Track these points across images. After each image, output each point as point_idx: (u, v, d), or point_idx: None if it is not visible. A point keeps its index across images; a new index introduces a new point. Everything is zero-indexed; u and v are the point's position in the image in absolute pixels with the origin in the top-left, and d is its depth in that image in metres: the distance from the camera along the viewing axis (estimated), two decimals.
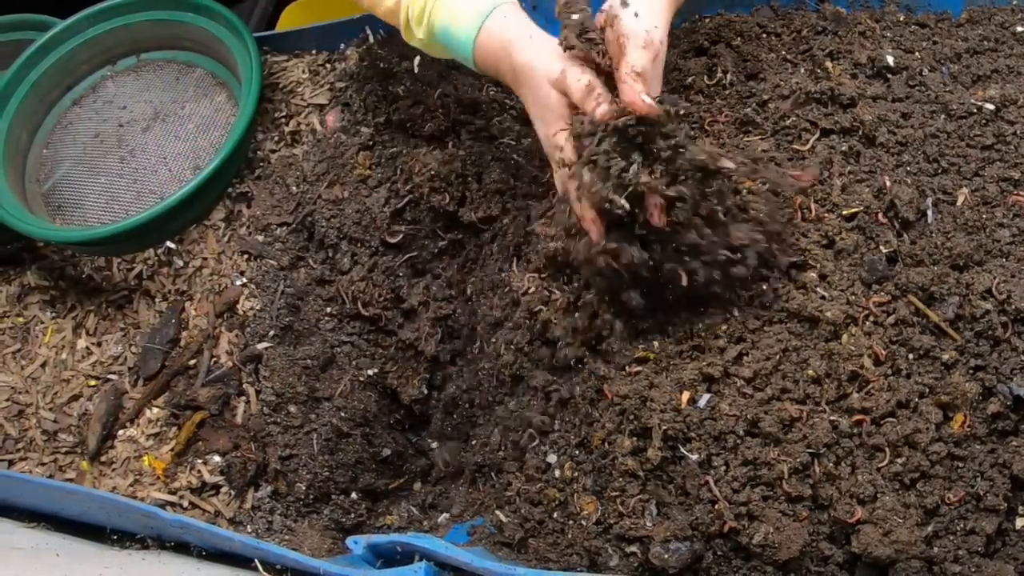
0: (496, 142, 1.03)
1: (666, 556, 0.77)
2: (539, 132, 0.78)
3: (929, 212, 0.82)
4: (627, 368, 0.81)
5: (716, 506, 0.77)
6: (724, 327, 0.81)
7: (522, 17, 0.79)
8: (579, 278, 0.82)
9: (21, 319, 1.09)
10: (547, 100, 0.75)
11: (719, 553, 0.78)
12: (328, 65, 1.18)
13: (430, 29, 0.81)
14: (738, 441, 0.77)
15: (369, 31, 1.15)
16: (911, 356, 0.79)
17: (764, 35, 0.99)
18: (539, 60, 0.75)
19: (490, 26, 0.78)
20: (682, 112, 0.71)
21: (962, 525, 0.76)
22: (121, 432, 1.01)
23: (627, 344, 0.79)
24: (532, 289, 0.90)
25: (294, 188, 1.05)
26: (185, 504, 0.96)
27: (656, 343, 0.81)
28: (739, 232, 0.75)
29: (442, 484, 1.00)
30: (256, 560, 0.80)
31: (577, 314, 0.82)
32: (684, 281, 0.73)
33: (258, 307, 1.01)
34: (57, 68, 1.14)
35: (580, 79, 0.73)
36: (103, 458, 1.00)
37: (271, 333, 1.00)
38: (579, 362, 0.85)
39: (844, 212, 0.84)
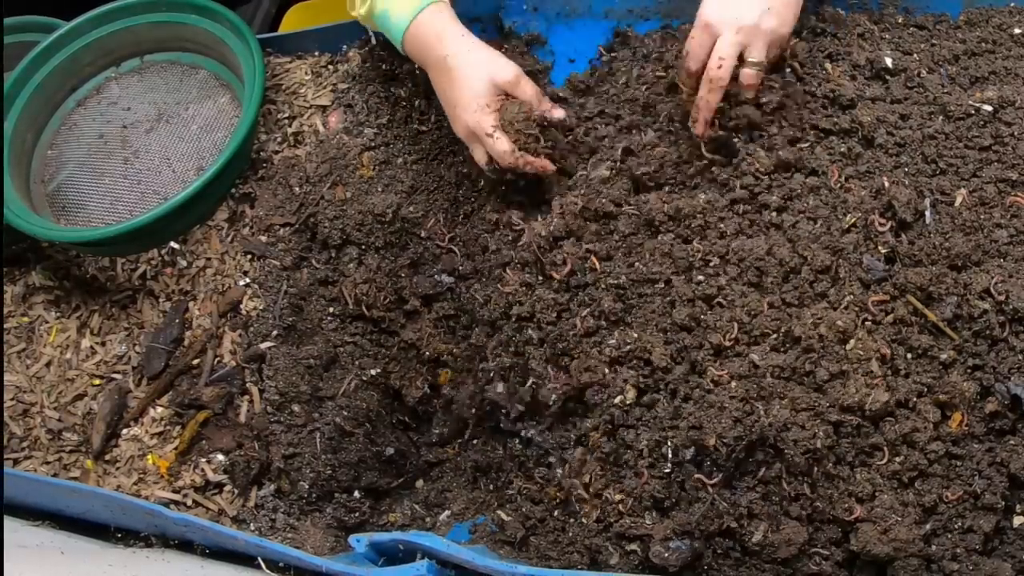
0: None
1: (666, 554, 0.77)
2: (457, 110, 0.91)
3: (927, 213, 0.82)
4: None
5: (715, 505, 0.78)
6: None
7: (452, 15, 0.93)
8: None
9: (26, 319, 1.09)
10: (478, 88, 0.89)
11: (719, 551, 0.79)
12: (331, 67, 1.18)
13: (371, 9, 0.95)
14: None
15: (371, 33, 1.16)
16: (909, 356, 0.79)
17: None
18: (480, 56, 0.90)
19: (423, 18, 0.91)
20: None
21: (960, 523, 0.77)
22: (125, 431, 1.01)
23: None
24: (519, 288, 0.91)
25: (297, 189, 1.05)
26: (189, 502, 0.96)
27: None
28: None
29: (444, 481, 1.00)
30: (259, 558, 0.80)
31: None
32: None
33: (261, 307, 1.02)
34: (62, 70, 1.15)
35: (533, 86, 0.92)
36: (107, 457, 1.01)
37: (274, 333, 1.00)
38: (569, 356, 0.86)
39: (842, 213, 0.84)
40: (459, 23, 0.93)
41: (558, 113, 0.93)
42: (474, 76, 0.89)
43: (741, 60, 0.83)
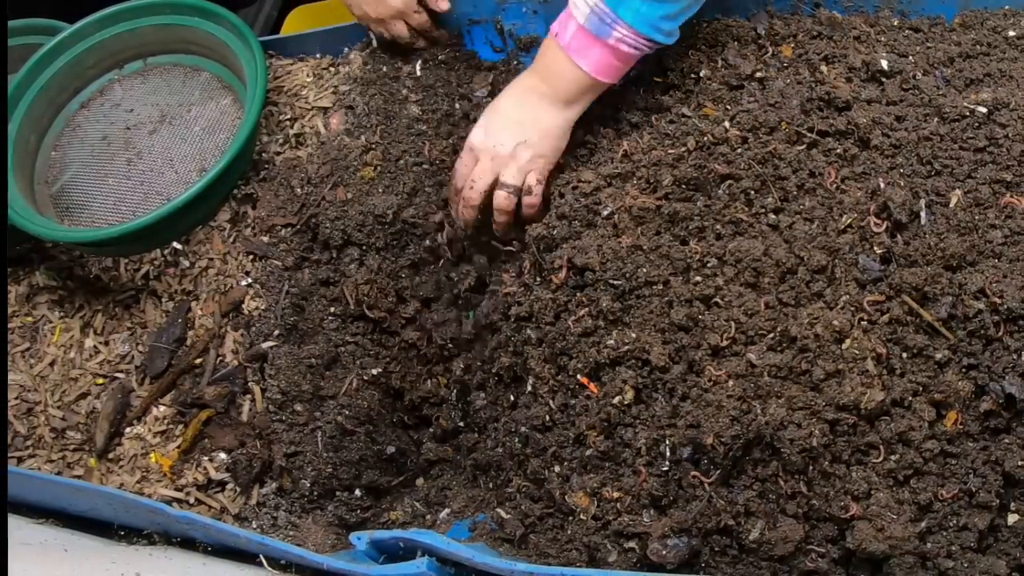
0: None
1: (664, 552, 0.78)
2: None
3: (922, 213, 0.83)
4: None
5: (713, 503, 0.78)
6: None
7: None
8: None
9: (30, 318, 1.10)
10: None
11: (716, 549, 0.80)
12: (332, 69, 1.19)
13: None
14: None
15: (372, 35, 1.17)
16: (905, 355, 0.80)
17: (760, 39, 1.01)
18: None
19: None
20: None
21: (955, 521, 0.77)
22: (128, 430, 1.02)
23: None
24: (514, 290, 0.92)
25: (298, 190, 1.06)
26: (191, 500, 0.97)
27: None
28: None
29: (444, 479, 1.01)
30: (261, 556, 0.81)
31: None
32: None
33: (263, 307, 1.03)
34: (65, 72, 1.15)
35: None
36: (111, 455, 1.01)
37: (276, 332, 1.01)
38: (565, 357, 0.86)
39: (838, 214, 0.85)
40: None
41: (444, 5, 1.08)
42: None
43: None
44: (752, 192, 0.88)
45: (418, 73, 1.12)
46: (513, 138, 0.91)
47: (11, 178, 1.07)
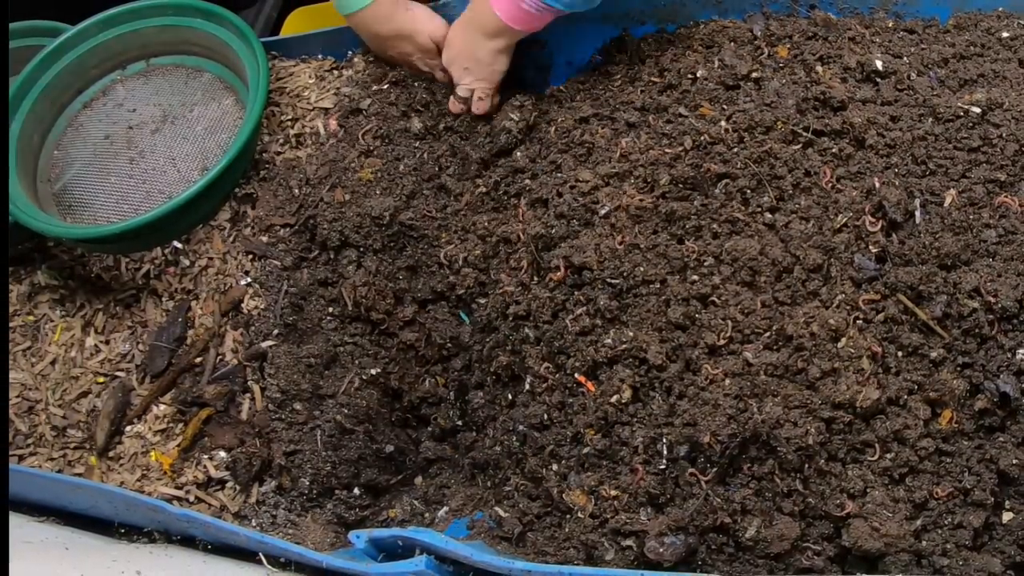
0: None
1: (661, 550, 0.79)
2: (415, 60, 1.12)
3: (917, 213, 0.84)
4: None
5: (709, 501, 0.79)
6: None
7: None
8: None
9: (31, 317, 1.11)
10: (427, 45, 1.10)
11: (713, 547, 0.80)
12: (335, 71, 1.20)
13: None
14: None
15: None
16: (900, 353, 0.80)
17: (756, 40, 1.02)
18: (422, 22, 1.10)
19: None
20: None
21: (950, 519, 0.78)
22: (129, 428, 1.02)
23: None
24: (512, 289, 0.92)
25: (296, 191, 1.07)
26: (191, 499, 0.98)
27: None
28: None
29: (443, 477, 1.02)
30: (260, 554, 0.82)
31: None
32: None
33: (262, 306, 1.03)
34: (68, 72, 1.16)
35: None
36: (111, 454, 1.02)
37: (275, 332, 1.01)
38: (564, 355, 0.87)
39: (833, 213, 0.85)
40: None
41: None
42: (421, 36, 1.10)
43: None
44: (748, 191, 0.88)
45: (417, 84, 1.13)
46: (460, 64, 1.08)
47: (14, 176, 1.08)
